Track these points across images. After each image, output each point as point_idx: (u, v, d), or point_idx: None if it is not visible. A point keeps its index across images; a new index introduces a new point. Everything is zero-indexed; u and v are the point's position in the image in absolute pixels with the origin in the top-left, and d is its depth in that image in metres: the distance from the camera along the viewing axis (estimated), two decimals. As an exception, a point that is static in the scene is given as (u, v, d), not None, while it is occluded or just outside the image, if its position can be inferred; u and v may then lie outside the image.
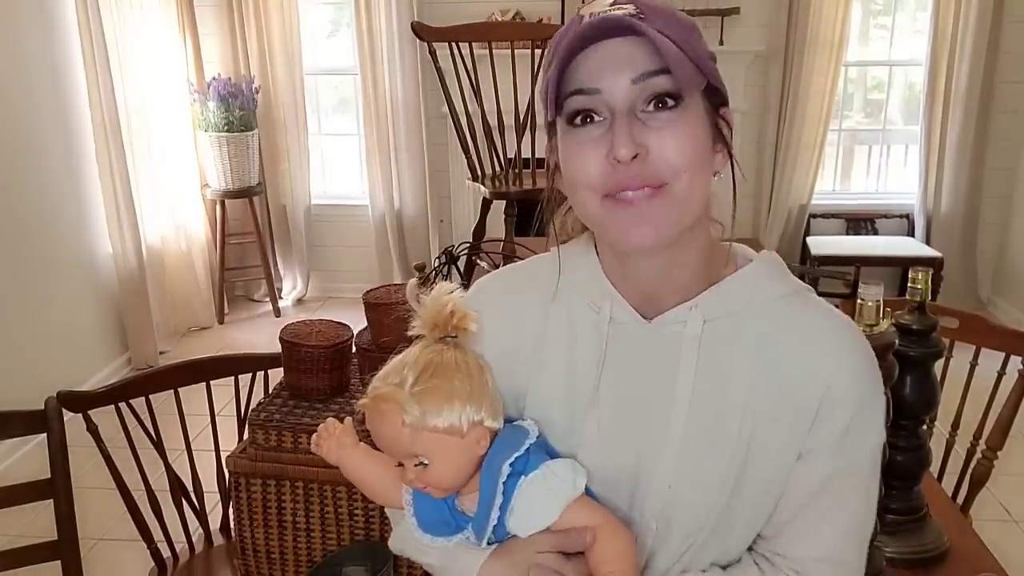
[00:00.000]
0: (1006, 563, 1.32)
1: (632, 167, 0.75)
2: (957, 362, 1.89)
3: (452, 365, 0.83)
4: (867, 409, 0.84)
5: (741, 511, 0.85)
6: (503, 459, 0.82)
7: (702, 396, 0.83)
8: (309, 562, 1.73)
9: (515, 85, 3.00)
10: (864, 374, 0.84)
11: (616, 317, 0.87)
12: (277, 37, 4.35)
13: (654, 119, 0.76)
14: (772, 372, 0.83)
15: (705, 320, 0.84)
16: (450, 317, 0.85)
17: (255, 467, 1.71)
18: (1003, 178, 4.30)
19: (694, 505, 0.84)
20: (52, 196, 3.47)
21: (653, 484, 0.85)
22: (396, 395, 0.81)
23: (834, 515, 0.85)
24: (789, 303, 0.85)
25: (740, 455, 0.83)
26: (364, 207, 4.64)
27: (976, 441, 1.89)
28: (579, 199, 0.81)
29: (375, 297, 1.79)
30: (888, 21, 4.42)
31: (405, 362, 0.84)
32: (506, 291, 0.95)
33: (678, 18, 0.78)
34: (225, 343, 4.23)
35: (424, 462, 0.82)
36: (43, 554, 1.52)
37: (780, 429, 0.83)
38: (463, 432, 0.82)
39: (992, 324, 1.94)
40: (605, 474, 0.86)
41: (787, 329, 0.84)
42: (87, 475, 2.36)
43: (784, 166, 4.33)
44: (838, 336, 0.84)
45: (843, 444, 0.83)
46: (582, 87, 0.77)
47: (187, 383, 1.81)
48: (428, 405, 0.81)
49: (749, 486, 0.84)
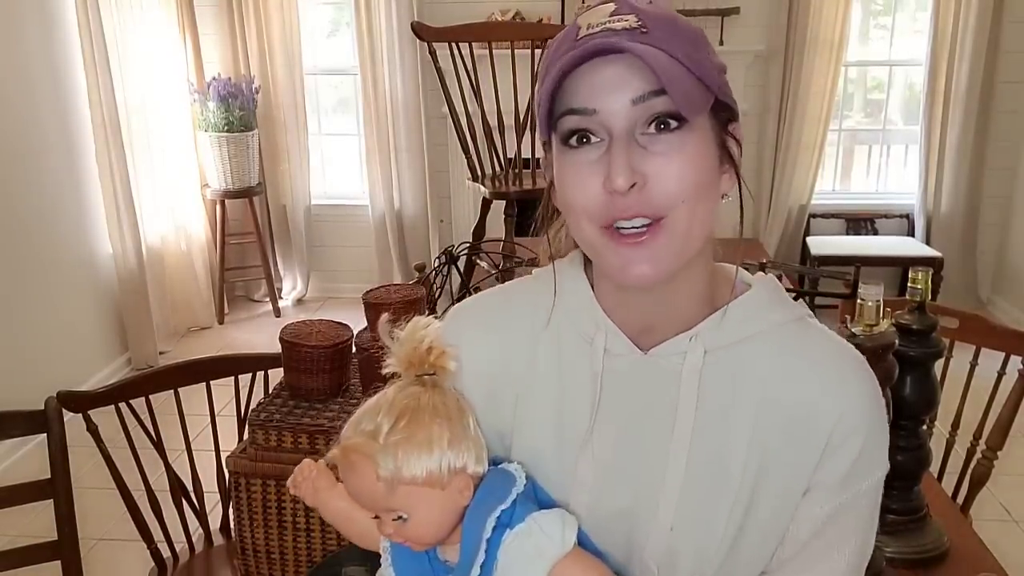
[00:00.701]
0: (1006, 563, 1.32)
1: (629, 197, 0.71)
2: (957, 362, 1.89)
3: (429, 409, 0.77)
4: (874, 440, 0.80)
5: (747, 551, 0.81)
6: (487, 512, 0.76)
7: (704, 431, 0.79)
8: (309, 562, 1.74)
9: (515, 85, 3.00)
10: (872, 404, 0.80)
11: (611, 349, 0.81)
12: (277, 37, 4.35)
13: (655, 143, 0.71)
14: (778, 404, 0.79)
15: (706, 351, 0.79)
16: (427, 354, 0.79)
17: (255, 467, 1.71)
18: (1003, 178, 4.30)
19: (698, 547, 0.79)
20: (52, 196, 3.47)
21: (654, 526, 0.80)
22: (368, 447, 0.75)
23: (837, 552, 0.81)
24: (791, 330, 0.81)
25: (746, 492, 0.79)
26: (364, 207, 4.64)
27: (976, 441, 1.89)
28: (576, 225, 0.76)
29: (375, 297, 1.79)
30: (888, 21, 4.42)
31: (380, 406, 0.77)
32: (489, 319, 0.88)
33: (683, 29, 0.73)
34: (225, 343, 4.23)
35: (403, 516, 0.77)
36: (43, 554, 1.52)
37: (787, 463, 0.79)
38: (444, 483, 0.76)
39: (992, 324, 1.94)
40: (602, 517, 0.81)
41: (792, 358, 0.80)
42: (87, 475, 2.36)
43: (784, 166, 4.33)
44: (845, 365, 0.81)
45: (851, 477, 0.79)
46: (577, 107, 0.72)
47: (187, 383, 1.81)
48: (404, 457, 0.74)
49: (756, 526, 0.80)
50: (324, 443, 1.69)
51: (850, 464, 0.79)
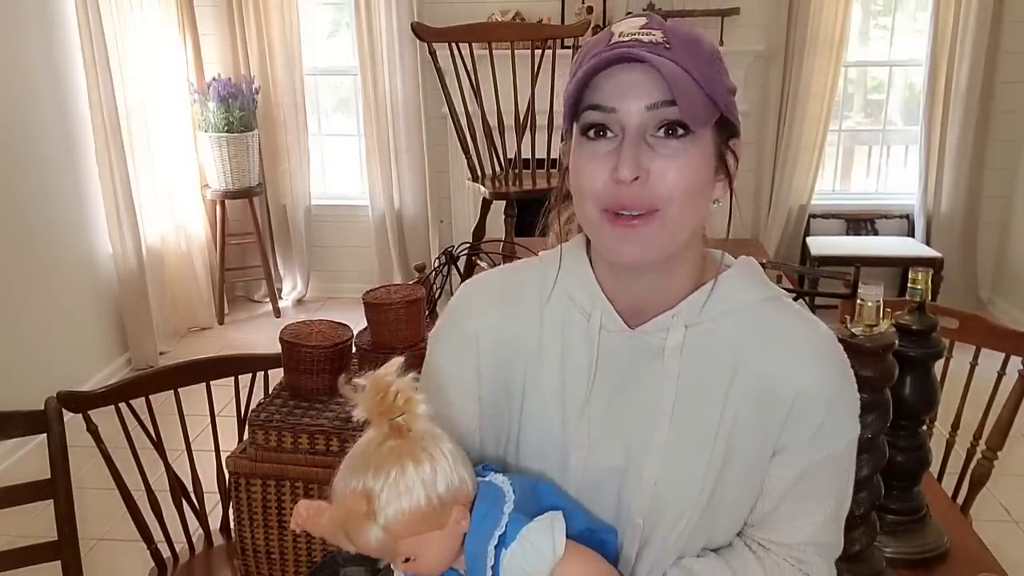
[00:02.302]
0: (1006, 563, 1.33)
1: (632, 188, 0.80)
2: (957, 362, 1.89)
3: (410, 454, 0.81)
4: (839, 408, 0.90)
5: (724, 504, 0.91)
6: (486, 539, 0.82)
7: (684, 399, 0.88)
8: (309, 562, 1.74)
9: (515, 85, 3.00)
10: (835, 376, 0.90)
11: (605, 325, 0.91)
12: (277, 37, 4.35)
13: (662, 145, 0.81)
14: (748, 375, 0.88)
15: (687, 327, 0.89)
16: (395, 400, 0.82)
17: (255, 467, 1.71)
18: (1003, 178, 4.30)
19: (678, 501, 0.89)
20: (52, 196, 3.47)
21: (640, 484, 0.89)
22: (356, 522, 0.80)
23: (812, 506, 0.92)
24: (765, 308, 0.91)
25: (720, 453, 0.88)
26: (364, 207, 4.64)
27: (976, 441, 1.89)
28: (582, 205, 0.86)
29: (375, 297, 1.79)
30: (888, 21, 4.42)
31: (363, 465, 0.81)
32: (502, 296, 0.97)
33: (703, 50, 0.82)
34: (225, 343, 4.23)
35: (410, 558, 0.83)
36: (43, 554, 1.52)
37: (756, 428, 0.89)
38: (441, 523, 0.82)
39: (992, 324, 1.94)
40: (595, 475, 0.91)
41: (762, 334, 0.89)
42: (87, 475, 2.36)
43: (784, 166, 4.33)
44: (810, 340, 0.90)
45: (816, 440, 0.89)
46: (599, 104, 0.81)
47: (187, 383, 1.81)
48: (397, 516, 0.79)
49: (729, 481, 0.89)
50: (324, 443, 1.69)
51: (814, 430, 0.89)
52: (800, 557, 0.93)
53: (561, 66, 1.28)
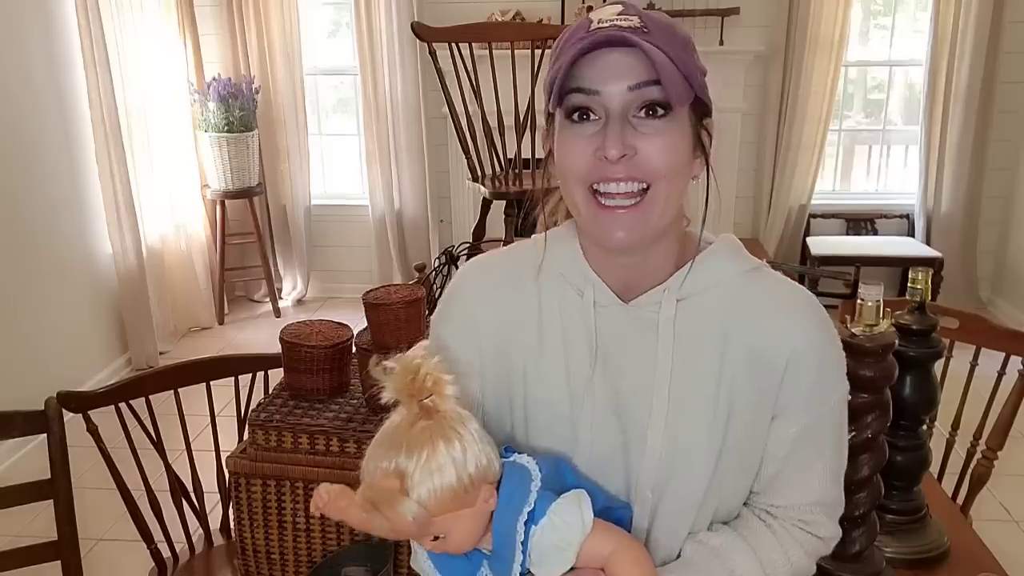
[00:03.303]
0: (1006, 563, 1.33)
1: (619, 165, 0.84)
2: (957, 362, 1.89)
3: (440, 434, 0.82)
4: (828, 366, 0.94)
5: (729, 472, 0.93)
6: (515, 516, 0.84)
7: (681, 370, 0.92)
8: (309, 562, 1.74)
9: (515, 85, 3.00)
10: (821, 335, 0.94)
11: (598, 301, 0.94)
12: (277, 37, 4.35)
13: (644, 125, 0.84)
14: (739, 342, 0.92)
15: (677, 300, 0.92)
16: (424, 381, 0.84)
17: (255, 467, 1.71)
18: (1003, 178, 4.30)
19: (685, 472, 0.92)
20: (52, 196, 3.47)
21: (646, 456, 0.92)
22: (395, 500, 0.81)
23: (815, 464, 0.96)
24: (748, 278, 0.95)
25: (721, 421, 0.91)
26: (364, 207, 4.64)
27: (976, 441, 1.89)
28: (568, 188, 0.89)
29: (375, 297, 1.79)
30: (888, 21, 4.42)
31: (395, 440, 0.83)
32: (500, 279, 1.00)
33: (677, 34, 0.86)
34: (225, 343, 4.23)
35: (440, 536, 0.84)
36: (43, 554, 1.52)
37: (752, 393, 0.92)
38: (471, 500, 0.83)
39: (992, 324, 1.93)
40: (602, 451, 0.93)
41: (749, 301, 0.93)
42: (87, 475, 2.36)
43: (784, 166, 4.33)
44: (794, 304, 0.94)
45: (811, 400, 0.93)
46: (583, 87, 0.84)
47: (187, 383, 1.81)
48: (430, 498, 0.81)
49: (732, 448, 0.92)
50: (324, 443, 1.69)
51: (809, 388, 0.93)
52: (806, 519, 0.97)
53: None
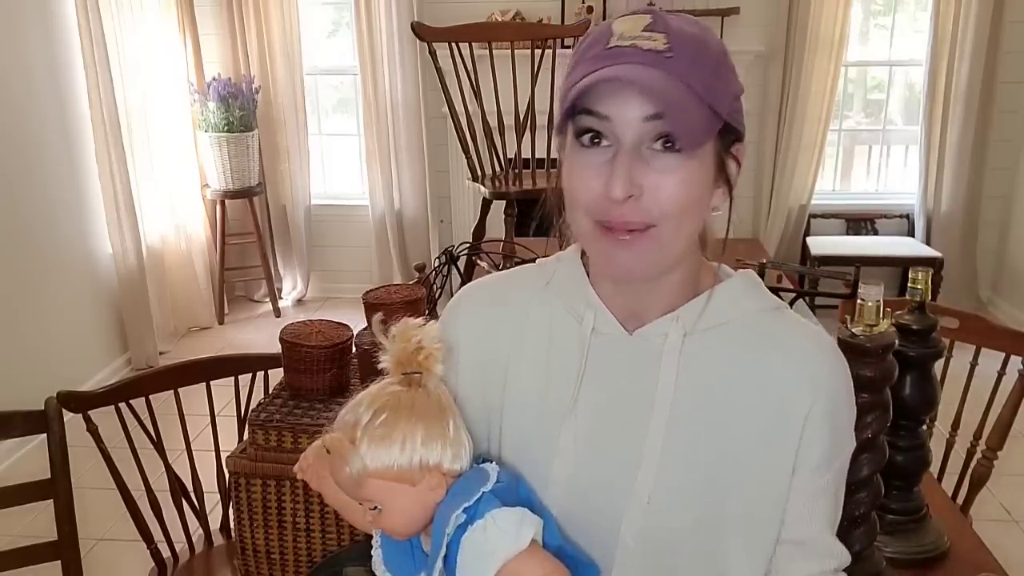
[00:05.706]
0: (1006, 563, 1.33)
1: (624, 205, 0.76)
2: (957, 362, 1.89)
3: (407, 406, 0.81)
4: (848, 419, 0.87)
5: (730, 521, 0.83)
6: (452, 509, 0.79)
7: (682, 408, 0.83)
8: (309, 562, 1.74)
9: (515, 85, 3.00)
10: (845, 388, 0.87)
11: (599, 328, 0.87)
12: (277, 37, 4.35)
13: (658, 159, 0.76)
14: (752, 386, 0.84)
15: (686, 332, 0.85)
16: (415, 354, 0.82)
17: (255, 467, 1.71)
18: (1003, 178, 4.30)
19: (674, 521, 0.83)
20: (52, 196, 3.47)
21: (631, 499, 0.83)
22: (340, 446, 0.80)
23: (831, 519, 0.87)
24: (767, 318, 0.87)
25: (720, 468, 0.83)
26: (364, 207, 4.64)
27: (976, 441, 1.89)
28: (574, 214, 0.82)
29: (375, 297, 1.79)
30: (888, 21, 4.42)
31: (362, 400, 0.82)
32: (488, 303, 0.94)
33: (708, 54, 0.77)
34: (225, 343, 4.23)
35: (378, 507, 0.81)
36: (43, 554, 1.52)
37: (763, 443, 0.83)
38: (414, 479, 0.80)
39: (992, 324, 1.94)
40: (581, 488, 0.85)
41: (766, 344, 0.85)
42: (87, 475, 2.36)
43: (784, 166, 4.33)
44: (819, 352, 0.86)
45: (832, 454, 0.85)
46: (594, 109, 0.76)
47: (187, 383, 1.81)
48: (371, 453, 0.79)
49: (735, 501, 0.83)
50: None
51: (830, 444, 0.84)
52: None
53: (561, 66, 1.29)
